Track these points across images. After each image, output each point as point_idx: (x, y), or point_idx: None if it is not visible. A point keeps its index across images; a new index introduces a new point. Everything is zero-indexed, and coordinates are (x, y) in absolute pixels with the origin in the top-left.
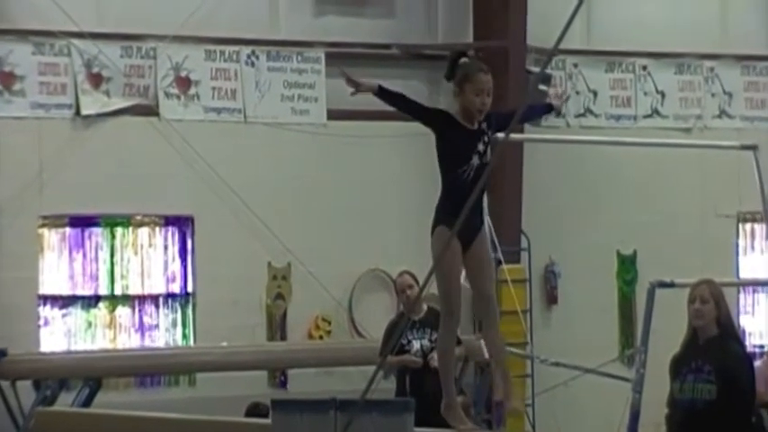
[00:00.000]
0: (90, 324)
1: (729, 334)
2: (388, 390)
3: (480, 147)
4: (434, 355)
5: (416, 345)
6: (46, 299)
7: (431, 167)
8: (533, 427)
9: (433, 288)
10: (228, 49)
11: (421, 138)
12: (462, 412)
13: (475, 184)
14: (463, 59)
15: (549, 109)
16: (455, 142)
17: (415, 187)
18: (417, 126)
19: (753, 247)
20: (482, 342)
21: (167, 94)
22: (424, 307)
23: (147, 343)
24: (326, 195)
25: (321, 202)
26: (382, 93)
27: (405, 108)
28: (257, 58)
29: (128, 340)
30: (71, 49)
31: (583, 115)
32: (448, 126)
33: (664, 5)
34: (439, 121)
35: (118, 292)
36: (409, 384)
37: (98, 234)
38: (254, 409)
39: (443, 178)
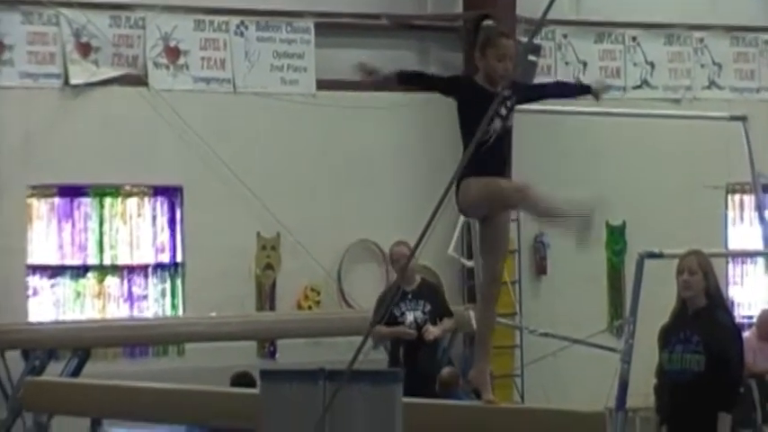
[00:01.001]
0: (79, 294)
1: (718, 305)
2: (378, 360)
3: (503, 111)
4: (428, 327)
5: (410, 317)
6: (34, 269)
7: (420, 138)
8: (522, 397)
9: (423, 259)
10: (217, 18)
11: (411, 108)
12: (489, 381)
13: (498, 151)
14: (485, 22)
15: (584, 90)
16: (477, 106)
17: (404, 158)
18: (407, 96)
19: (741, 219)
20: (471, 313)
21: (156, 64)
22: (417, 278)
23: (136, 313)
24: (316, 166)
25: (310, 173)
26: (401, 77)
27: (425, 85)
28: (246, 27)
29: (116, 310)
30: (60, 18)
31: None
32: (469, 92)
33: None
34: (459, 88)
35: (107, 262)
36: (402, 356)
37: (87, 204)
38: (240, 379)
39: (465, 142)
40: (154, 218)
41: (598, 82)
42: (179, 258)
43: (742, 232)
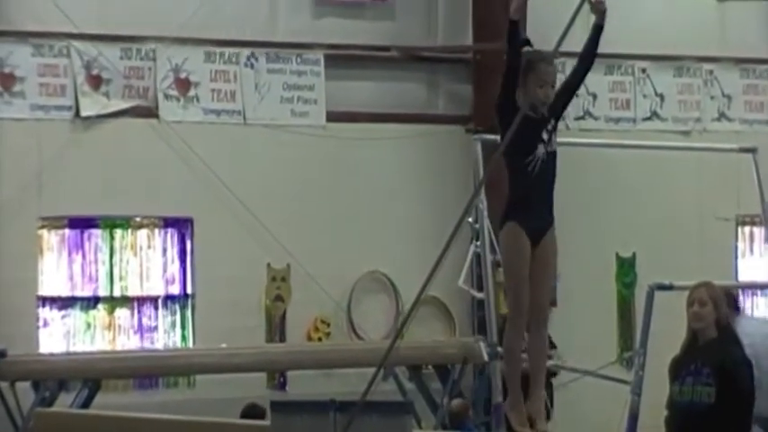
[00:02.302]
0: (89, 325)
1: (728, 336)
2: (387, 392)
3: (545, 135)
4: None
5: None
6: (45, 300)
7: (430, 169)
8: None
9: (433, 290)
10: (228, 50)
11: (420, 139)
12: (525, 415)
13: (542, 177)
14: (526, 48)
15: (596, 31)
16: (519, 133)
17: (414, 189)
18: (417, 128)
19: (751, 250)
20: (482, 345)
21: (167, 96)
22: None
23: (147, 344)
24: (326, 197)
25: (320, 204)
26: (515, 28)
27: (508, 76)
28: (256, 59)
29: (127, 342)
30: (71, 50)
31: (582, 118)
32: (512, 117)
33: (663, 8)
34: (507, 106)
35: (117, 293)
36: None
37: (97, 235)
38: (250, 410)
39: (510, 173)
40: (164, 249)
41: (595, 12)
42: (189, 290)
43: (752, 264)
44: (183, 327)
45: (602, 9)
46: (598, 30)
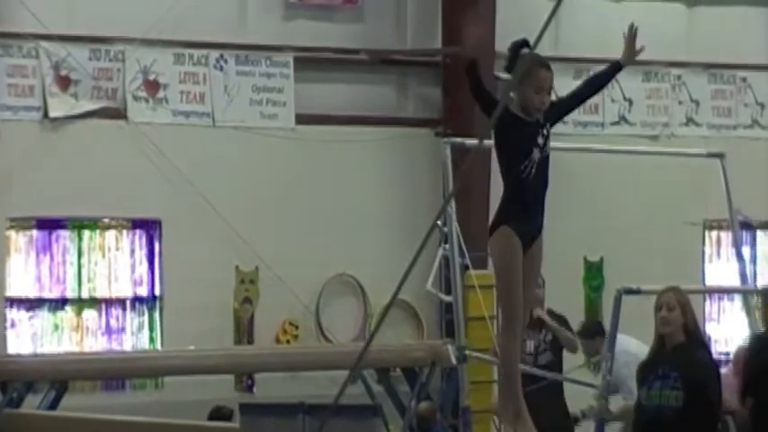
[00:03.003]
0: (57, 327)
1: (696, 341)
2: (355, 395)
3: (540, 140)
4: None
5: (529, 344)
6: (13, 301)
7: (399, 172)
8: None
9: (402, 294)
10: (197, 52)
11: (390, 142)
12: (530, 423)
13: (537, 181)
14: (524, 51)
15: (617, 68)
16: (515, 136)
17: (382, 192)
18: (387, 130)
19: (719, 255)
20: (450, 348)
21: (135, 98)
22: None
23: (114, 346)
24: (295, 200)
25: (289, 207)
26: (473, 68)
27: (478, 95)
28: (226, 61)
29: (94, 343)
30: (39, 51)
31: None
32: (506, 120)
33: (631, 13)
34: (500, 117)
35: (85, 295)
36: None
37: (65, 237)
38: (217, 413)
39: (505, 177)
40: (132, 251)
41: (627, 54)
42: (157, 291)
43: (719, 269)
44: (151, 328)
45: (635, 53)
46: (618, 69)
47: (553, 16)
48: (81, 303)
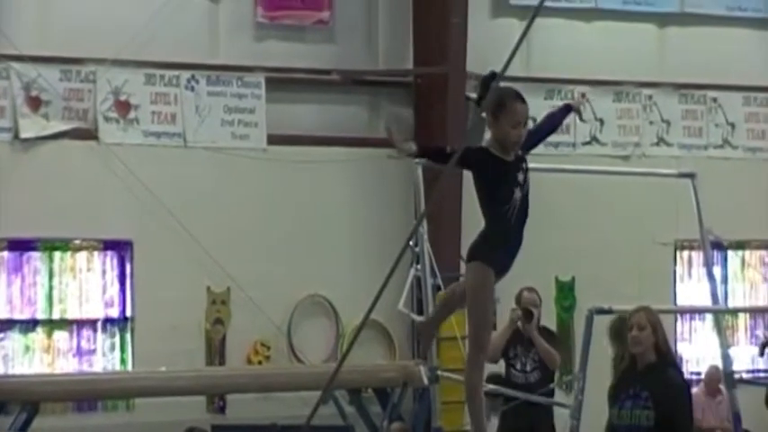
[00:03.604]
0: (28, 348)
1: (667, 360)
2: (325, 416)
3: (520, 177)
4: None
5: (522, 361)
6: None
7: (370, 193)
8: None
9: (374, 314)
10: (168, 73)
11: (362, 163)
12: None
13: (518, 218)
14: (494, 83)
15: (567, 110)
16: (495, 180)
17: (354, 212)
18: (359, 151)
19: (690, 275)
20: (422, 369)
21: (106, 118)
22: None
23: (85, 367)
24: (266, 220)
25: (261, 227)
26: (422, 153)
27: (445, 162)
28: (197, 82)
29: (66, 365)
30: (10, 71)
31: None
32: (485, 164)
33: (602, 34)
34: (476, 160)
35: (56, 316)
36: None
37: (36, 258)
38: None
39: (486, 215)
40: (103, 272)
41: (576, 101)
42: (128, 313)
43: (690, 289)
44: (123, 350)
45: (579, 103)
46: (568, 111)
47: (523, 39)
48: (52, 325)
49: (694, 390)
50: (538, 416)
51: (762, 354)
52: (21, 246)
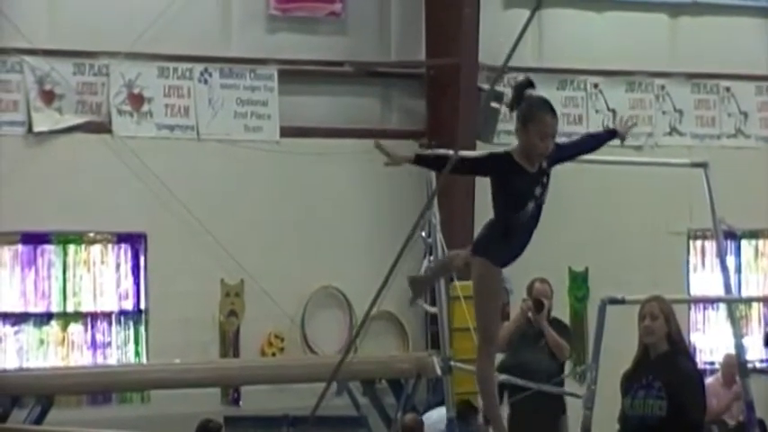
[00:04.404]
0: (42, 341)
1: (680, 350)
2: (340, 407)
3: (537, 191)
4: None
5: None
6: None
7: (383, 184)
8: None
9: (387, 305)
10: (181, 66)
11: (375, 154)
12: None
13: (528, 225)
14: (529, 91)
15: (612, 135)
16: (513, 189)
17: (367, 204)
18: (370, 143)
19: (703, 265)
20: (435, 359)
21: (120, 111)
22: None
23: (100, 360)
24: (280, 212)
25: (274, 219)
26: (419, 160)
27: (453, 169)
28: (210, 75)
29: (80, 358)
30: (23, 65)
31: None
32: (507, 172)
33: (614, 24)
34: (497, 169)
35: (70, 309)
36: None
37: (50, 251)
38: (205, 426)
39: (497, 214)
40: (117, 265)
41: (624, 126)
42: (142, 305)
43: (704, 278)
44: (137, 342)
45: (627, 129)
46: (613, 136)
47: (526, 30)
48: (66, 318)
49: (710, 379)
50: (549, 406)
51: (766, 344)
52: (35, 239)
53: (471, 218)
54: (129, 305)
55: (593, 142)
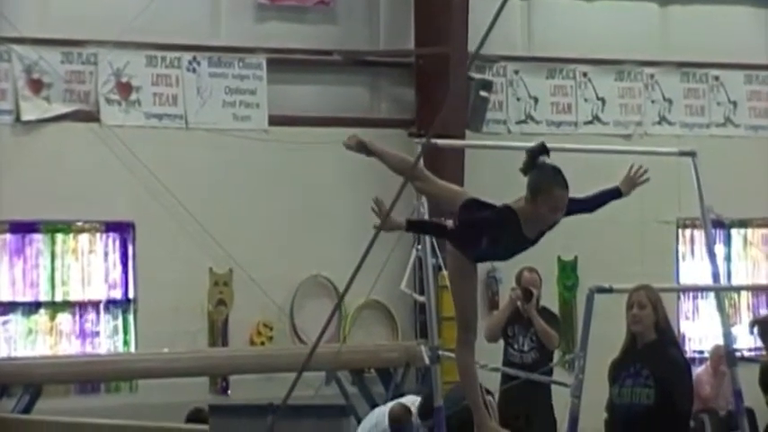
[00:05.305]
0: (31, 330)
1: (667, 339)
2: (328, 396)
3: (519, 249)
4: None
5: (519, 341)
6: None
7: (372, 173)
8: None
9: (376, 294)
10: (170, 54)
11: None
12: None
13: (505, 256)
14: (542, 158)
15: (618, 194)
16: (502, 242)
17: (356, 193)
18: (359, 132)
19: (692, 253)
20: (423, 348)
21: (108, 100)
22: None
23: (88, 349)
24: (268, 201)
25: (263, 208)
26: (411, 226)
27: (443, 235)
28: (198, 63)
29: (69, 347)
30: (11, 54)
31: (524, 122)
32: (506, 225)
33: (604, 13)
34: (498, 225)
35: (58, 298)
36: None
37: (38, 240)
38: (196, 415)
39: (473, 240)
40: (106, 254)
41: (635, 175)
42: (131, 294)
43: (693, 267)
44: (125, 331)
45: (634, 184)
46: (617, 196)
47: (498, 16)
48: (55, 307)
49: (700, 368)
50: (536, 395)
51: (751, 332)
52: (23, 228)
53: None
54: (117, 294)
55: (598, 201)
